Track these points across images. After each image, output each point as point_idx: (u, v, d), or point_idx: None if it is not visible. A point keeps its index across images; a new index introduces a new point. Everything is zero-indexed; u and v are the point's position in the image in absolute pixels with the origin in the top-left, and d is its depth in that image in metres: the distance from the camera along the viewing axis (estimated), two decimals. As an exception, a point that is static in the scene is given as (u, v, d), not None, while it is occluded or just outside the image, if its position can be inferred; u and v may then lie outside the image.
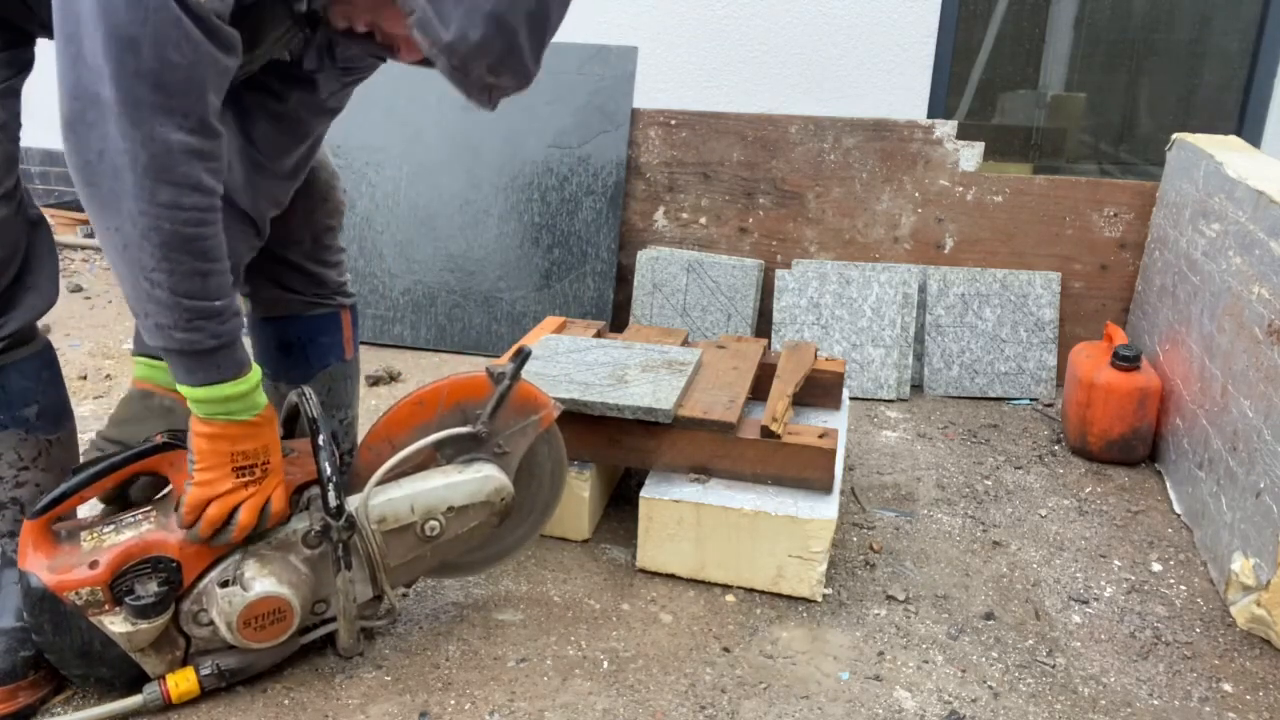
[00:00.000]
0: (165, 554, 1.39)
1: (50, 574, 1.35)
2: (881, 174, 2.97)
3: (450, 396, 1.56)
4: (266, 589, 1.40)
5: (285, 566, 1.44)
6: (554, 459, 1.70)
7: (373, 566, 1.52)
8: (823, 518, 1.76)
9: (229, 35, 1.22)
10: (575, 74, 3.08)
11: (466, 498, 1.54)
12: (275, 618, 1.42)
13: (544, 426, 1.63)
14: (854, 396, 2.83)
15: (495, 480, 1.56)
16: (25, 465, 1.49)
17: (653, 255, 3.04)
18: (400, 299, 3.17)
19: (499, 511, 1.58)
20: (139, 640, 1.39)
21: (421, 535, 1.53)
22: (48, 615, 1.37)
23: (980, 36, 3.78)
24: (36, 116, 2.55)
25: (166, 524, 1.41)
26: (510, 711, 1.50)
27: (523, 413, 1.60)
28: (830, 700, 1.55)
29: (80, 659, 1.41)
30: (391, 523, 1.51)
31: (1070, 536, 2.10)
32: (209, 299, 1.26)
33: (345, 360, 1.92)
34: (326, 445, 1.43)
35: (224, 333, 1.29)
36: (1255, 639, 1.76)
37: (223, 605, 1.39)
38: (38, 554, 1.36)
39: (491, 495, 1.56)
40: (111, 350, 3.03)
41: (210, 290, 1.26)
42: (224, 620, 1.40)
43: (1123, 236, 2.88)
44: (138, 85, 1.14)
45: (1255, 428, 1.85)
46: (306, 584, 1.46)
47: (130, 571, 1.37)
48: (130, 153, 1.16)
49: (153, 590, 1.37)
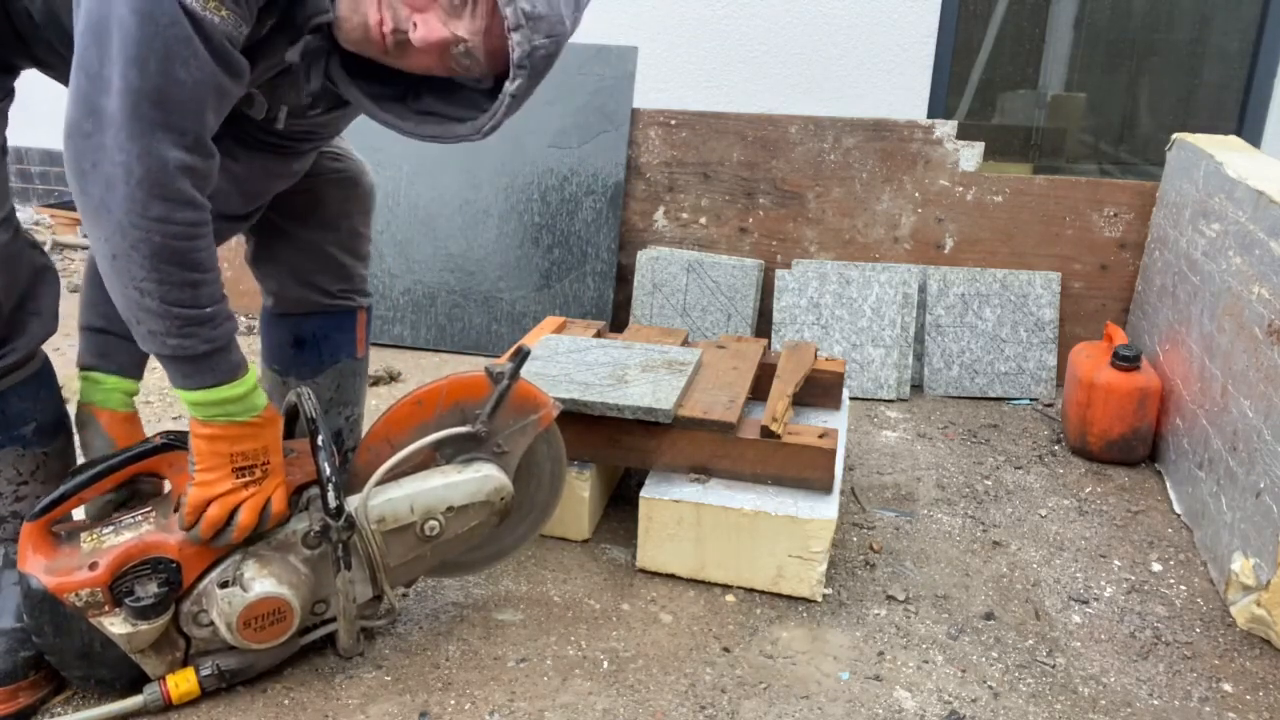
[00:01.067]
0: (165, 555, 1.39)
1: (50, 575, 1.35)
2: (881, 174, 2.97)
3: (449, 396, 1.56)
4: (266, 590, 1.40)
5: (285, 567, 1.44)
6: (553, 458, 1.70)
7: (373, 567, 1.52)
8: (823, 518, 1.76)
9: (238, 61, 1.23)
10: (575, 74, 3.08)
11: (466, 497, 1.54)
12: (275, 618, 1.42)
13: (543, 426, 1.62)
14: (854, 396, 2.83)
15: (495, 480, 1.56)
16: (24, 480, 1.50)
17: (653, 255, 3.04)
18: (400, 299, 3.17)
19: (499, 511, 1.58)
20: (139, 641, 1.39)
21: (421, 535, 1.53)
22: (48, 617, 1.37)
23: (980, 36, 3.79)
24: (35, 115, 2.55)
25: (166, 525, 1.41)
26: (510, 711, 1.50)
27: (522, 412, 1.60)
28: (830, 700, 1.55)
29: (81, 660, 1.41)
30: (391, 523, 1.51)
31: (1070, 536, 2.10)
32: (200, 307, 1.27)
33: (356, 358, 1.93)
34: (326, 445, 1.43)
35: (216, 338, 1.30)
36: (1255, 639, 1.76)
37: (222, 606, 1.39)
38: (37, 555, 1.36)
39: (491, 495, 1.55)
40: (111, 350, 3.02)
41: (201, 299, 1.27)
42: (224, 621, 1.40)
43: (1123, 236, 2.88)
44: (141, 100, 1.15)
45: (1255, 428, 1.85)
46: (306, 584, 1.46)
47: (130, 572, 1.37)
48: (125, 165, 1.16)
49: (152, 591, 1.37)
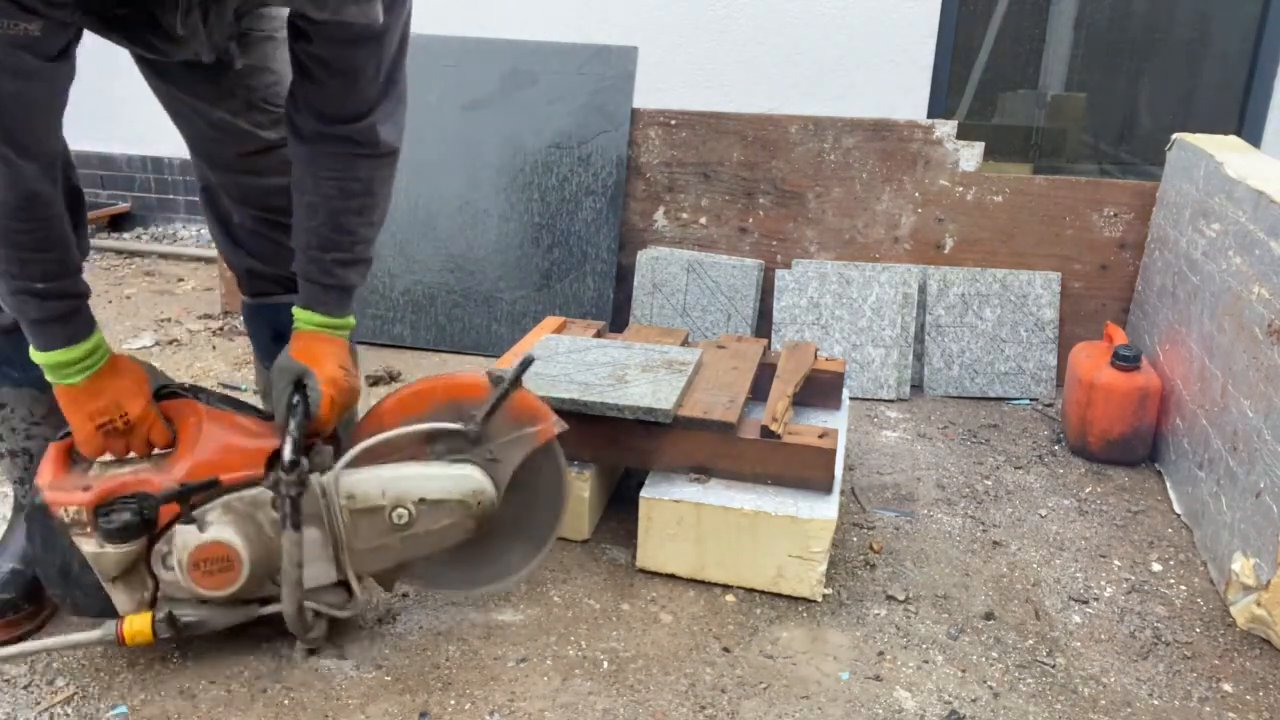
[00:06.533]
0: (149, 491, 1.45)
1: (50, 490, 1.45)
2: (881, 174, 2.97)
3: (446, 393, 1.56)
4: (218, 535, 1.45)
5: (248, 521, 1.48)
6: (551, 482, 1.64)
7: (336, 545, 1.52)
8: (823, 518, 1.76)
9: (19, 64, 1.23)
10: (575, 74, 3.08)
11: (440, 493, 1.52)
12: (223, 565, 1.46)
13: (541, 440, 1.58)
14: (854, 396, 2.83)
15: (473, 481, 1.53)
16: (37, 421, 1.65)
17: (653, 255, 3.04)
18: (400, 299, 3.17)
19: (475, 515, 1.54)
20: (106, 564, 1.45)
21: (390, 522, 1.52)
22: (39, 527, 1.46)
23: (980, 36, 3.79)
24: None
25: (160, 466, 1.47)
26: (510, 711, 1.50)
27: (519, 422, 1.57)
28: (830, 700, 1.55)
29: (61, 578, 1.49)
30: (360, 502, 1.51)
31: (1070, 536, 2.10)
32: (29, 280, 1.35)
33: None
34: (298, 405, 1.46)
35: (49, 309, 1.38)
36: (1255, 639, 1.76)
37: (177, 542, 1.45)
38: (48, 472, 1.47)
39: (467, 495, 1.53)
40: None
41: (30, 274, 1.35)
42: (177, 558, 1.45)
43: (1123, 236, 2.88)
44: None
45: (1255, 428, 1.85)
46: (264, 545, 1.48)
47: (116, 502, 1.44)
48: None
49: (124, 518, 1.43)
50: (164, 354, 3.02)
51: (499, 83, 3.11)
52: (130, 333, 3.19)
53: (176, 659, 1.58)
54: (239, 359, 2.98)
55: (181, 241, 4.37)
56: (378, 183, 1.55)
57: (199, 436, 1.48)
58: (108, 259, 4.10)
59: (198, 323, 3.31)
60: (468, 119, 3.11)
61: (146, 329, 3.24)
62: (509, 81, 3.10)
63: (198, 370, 2.89)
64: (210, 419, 1.49)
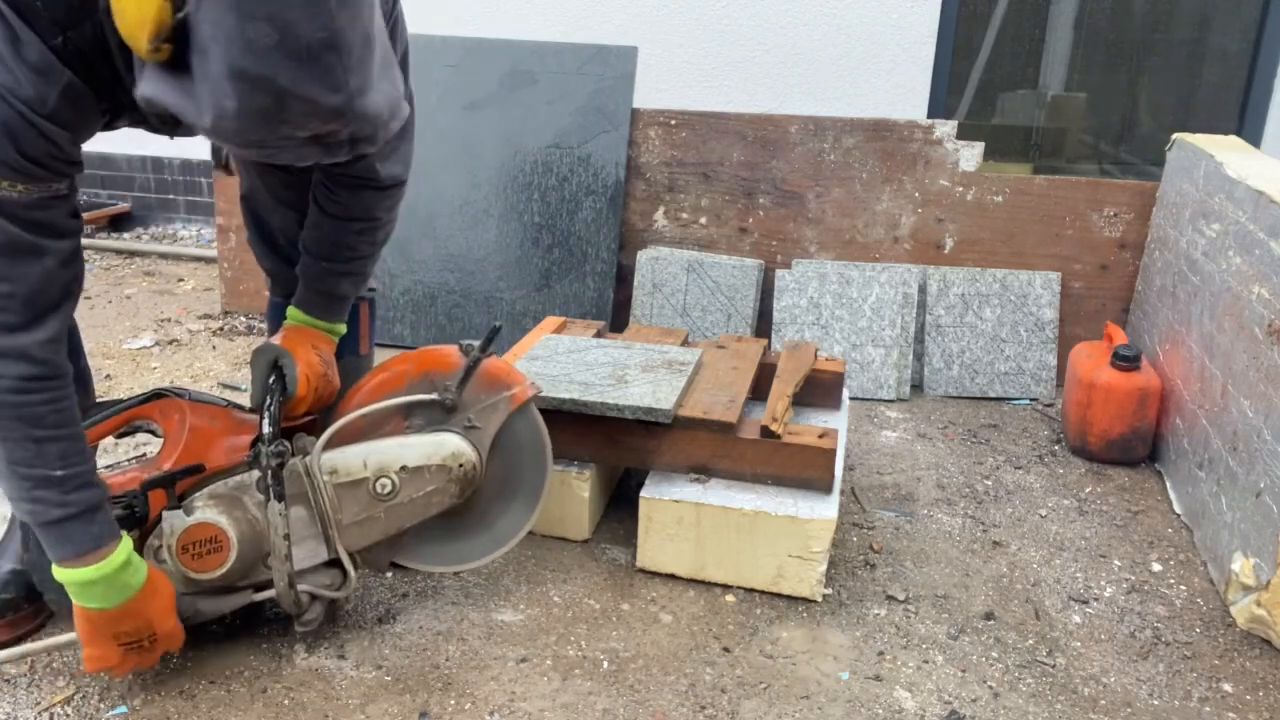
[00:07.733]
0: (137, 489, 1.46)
1: None
2: (881, 174, 2.97)
3: (420, 366, 1.60)
4: (206, 517, 1.46)
5: (234, 504, 1.49)
6: (533, 440, 1.68)
7: (324, 521, 1.53)
8: (823, 518, 1.76)
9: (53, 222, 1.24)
10: (575, 74, 3.08)
11: (421, 459, 1.55)
12: (212, 547, 1.46)
13: (516, 404, 1.63)
14: (854, 396, 2.83)
15: (451, 444, 1.57)
16: None
17: (653, 255, 3.04)
18: (400, 299, 3.17)
19: (457, 479, 1.58)
20: None
21: (374, 493, 1.54)
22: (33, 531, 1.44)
23: (980, 36, 3.78)
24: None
25: (148, 464, 1.49)
26: (510, 711, 1.50)
27: (492, 388, 1.61)
28: (830, 700, 1.55)
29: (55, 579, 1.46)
30: (344, 475, 1.53)
31: (1070, 536, 2.10)
32: (46, 468, 1.24)
33: (360, 355, 1.93)
34: (275, 384, 1.48)
35: (70, 503, 1.26)
36: (1255, 639, 1.76)
37: (166, 528, 1.45)
38: None
39: (448, 459, 1.56)
40: (112, 350, 3.03)
41: (47, 458, 1.24)
42: (166, 544, 1.45)
43: (1123, 236, 2.88)
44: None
45: (1255, 428, 1.85)
46: (252, 526, 1.49)
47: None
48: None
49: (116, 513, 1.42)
50: (164, 354, 3.02)
51: (499, 83, 3.11)
52: (130, 333, 3.20)
53: (176, 659, 1.58)
54: (239, 359, 2.98)
55: (181, 241, 4.37)
56: (381, 210, 1.59)
57: (183, 429, 1.50)
58: (108, 259, 4.10)
59: (198, 323, 3.31)
60: (468, 119, 3.11)
61: (146, 329, 3.24)
62: (509, 81, 3.10)
63: (198, 370, 2.89)
64: (194, 412, 1.51)
